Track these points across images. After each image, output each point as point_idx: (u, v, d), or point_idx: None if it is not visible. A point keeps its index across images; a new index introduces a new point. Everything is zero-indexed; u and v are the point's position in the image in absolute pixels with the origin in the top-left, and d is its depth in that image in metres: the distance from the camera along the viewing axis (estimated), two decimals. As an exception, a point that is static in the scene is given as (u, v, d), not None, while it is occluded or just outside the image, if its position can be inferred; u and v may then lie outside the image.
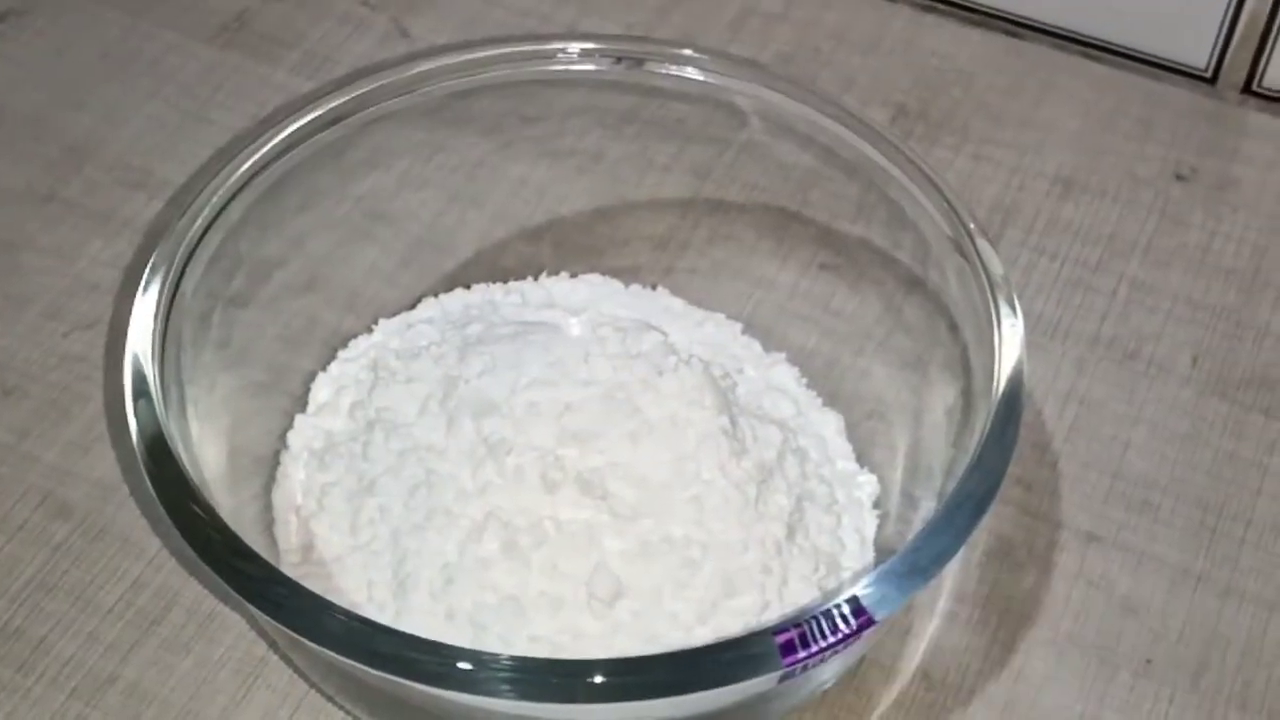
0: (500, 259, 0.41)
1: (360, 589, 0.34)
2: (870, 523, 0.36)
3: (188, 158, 0.45)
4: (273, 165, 0.36)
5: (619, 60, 0.39)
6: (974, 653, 0.36)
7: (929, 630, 0.36)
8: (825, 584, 0.34)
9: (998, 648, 0.36)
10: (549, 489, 0.33)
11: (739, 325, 0.40)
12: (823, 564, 0.34)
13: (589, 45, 0.38)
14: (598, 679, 0.28)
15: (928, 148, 0.46)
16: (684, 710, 0.30)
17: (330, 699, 0.35)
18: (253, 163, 0.36)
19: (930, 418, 0.36)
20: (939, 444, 0.35)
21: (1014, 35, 0.49)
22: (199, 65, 0.48)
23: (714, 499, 0.33)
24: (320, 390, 0.38)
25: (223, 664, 0.36)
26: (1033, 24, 0.49)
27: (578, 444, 0.34)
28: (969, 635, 0.36)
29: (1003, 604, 0.37)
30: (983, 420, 0.32)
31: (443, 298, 0.40)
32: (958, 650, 0.36)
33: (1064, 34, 0.49)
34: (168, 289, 0.33)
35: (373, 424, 0.36)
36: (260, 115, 0.46)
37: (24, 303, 0.42)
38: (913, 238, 0.36)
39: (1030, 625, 0.37)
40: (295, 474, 0.36)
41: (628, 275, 0.41)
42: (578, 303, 0.40)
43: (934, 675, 0.36)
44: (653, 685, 0.28)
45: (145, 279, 0.33)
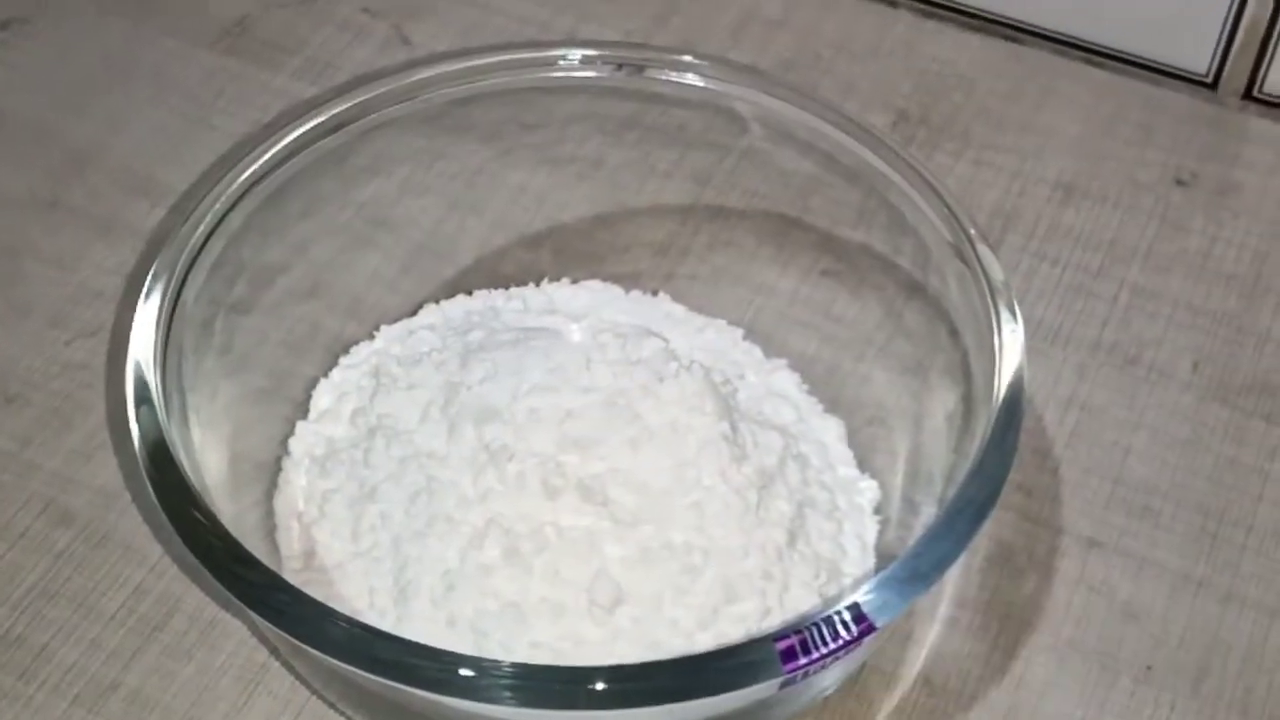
0: (501, 265, 0.41)
1: (362, 595, 0.34)
2: (871, 529, 0.36)
3: (190, 164, 0.45)
4: (274, 172, 0.36)
5: (619, 67, 0.39)
6: (975, 659, 0.36)
7: (930, 636, 0.36)
8: (826, 590, 0.34)
9: (999, 654, 0.36)
10: (550, 495, 0.33)
11: (740, 331, 0.40)
12: (824, 570, 0.34)
13: (589, 52, 0.38)
14: (599, 686, 0.28)
15: (928, 153, 0.46)
16: (685, 716, 0.30)
17: (332, 706, 0.35)
18: (254, 170, 0.36)
19: (931, 423, 0.36)
20: (940, 450, 0.35)
21: (1014, 41, 0.49)
22: (201, 71, 0.48)
23: (715, 505, 0.34)
24: (322, 397, 0.38)
25: (224, 671, 0.36)
26: (1033, 29, 0.49)
27: (579, 450, 0.34)
28: (970, 641, 0.36)
29: (1004, 610, 0.37)
30: (983, 426, 0.32)
31: (444, 304, 0.40)
32: (959, 656, 0.36)
33: (1064, 39, 0.49)
34: (170, 296, 0.33)
35: (374, 430, 0.36)
36: (262, 121, 0.46)
37: (26, 310, 0.42)
38: (913, 243, 0.36)
39: (1031, 631, 0.37)
40: (297, 480, 0.36)
41: (628, 281, 0.41)
42: (578, 309, 0.40)
43: (935, 681, 0.36)
44: (654, 692, 0.28)
45: (147, 286, 0.33)
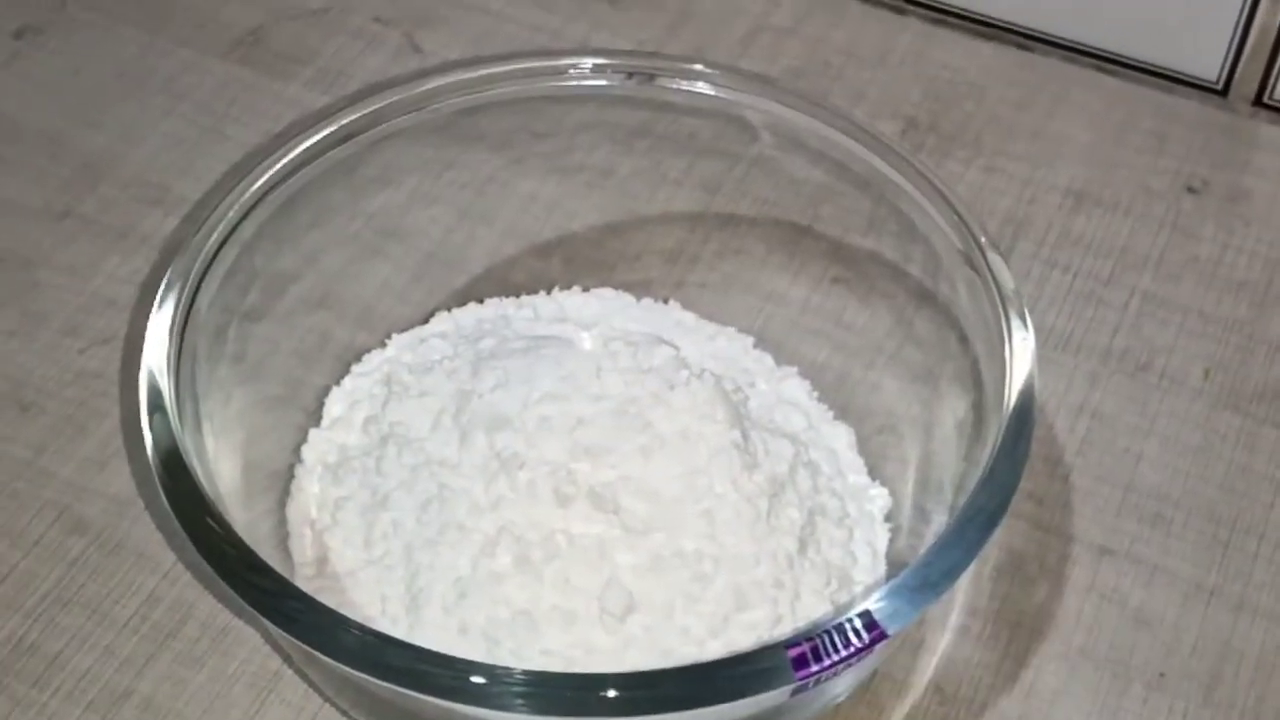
0: (511, 274, 0.41)
1: (374, 603, 0.34)
2: (882, 536, 0.36)
3: (203, 173, 0.45)
4: (286, 182, 0.36)
5: (630, 75, 0.39)
6: (986, 667, 0.36)
7: (941, 644, 0.36)
8: (837, 598, 0.34)
9: (1010, 662, 0.36)
10: (561, 503, 0.33)
11: (750, 339, 0.40)
12: (834, 578, 0.34)
13: (600, 61, 0.39)
14: (610, 693, 0.28)
15: (939, 161, 0.46)
16: (696, 724, 0.30)
17: (344, 713, 0.35)
18: (266, 179, 0.36)
19: (941, 431, 0.36)
20: (950, 458, 0.35)
21: (1025, 48, 0.49)
22: (214, 81, 0.48)
23: (726, 513, 0.34)
24: (334, 405, 0.38)
25: (237, 678, 0.36)
26: (1044, 37, 0.49)
27: (590, 458, 0.34)
28: (981, 649, 0.36)
29: (1015, 618, 0.37)
30: (994, 434, 0.32)
31: (455, 312, 0.41)
32: (970, 664, 0.36)
33: (1075, 47, 0.49)
34: (183, 304, 0.34)
35: (386, 438, 0.36)
36: (274, 130, 0.46)
37: (41, 319, 0.42)
38: (924, 251, 0.36)
39: (1042, 639, 0.36)
40: (309, 488, 0.37)
41: (639, 289, 0.41)
42: (589, 317, 0.40)
43: (946, 689, 0.36)
44: (665, 699, 0.28)
45: (161, 294, 0.34)
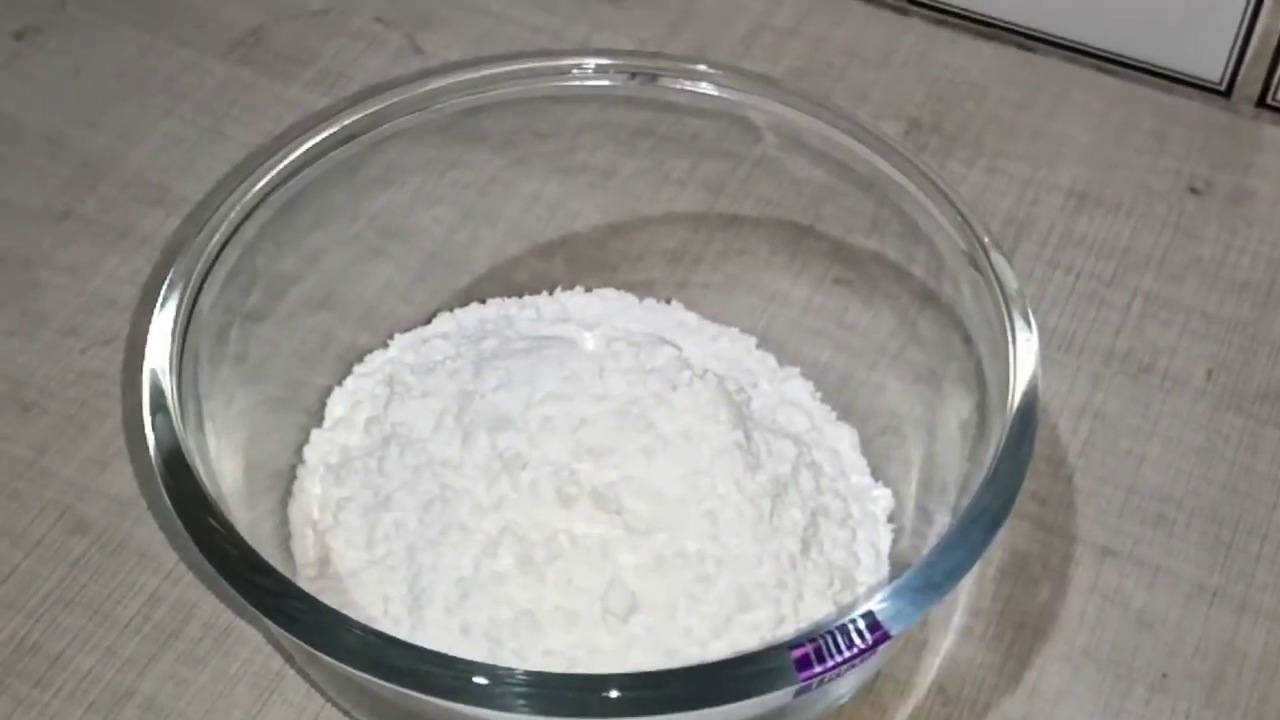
0: (514, 274, 0.41)
1: (376, 603, 0.34)
2: (885, 537, 0.36)
3: (204, 174, 0.45)
4: (288, 182, 0.36)
5: (632, 76, 0.39)
6: (989, 668, 0.36)
7: (944, 645, 0.36)
8: (840, 599, 0.34)
9: (1013, 662, 0.36)
10: (564, 503, 0.33)
11: (753, 340, 0.40)
12: (837, 579, 0.34)
13: (602, 61, 0.39)
14: (613, 694, 0.28)
15: (941, 161, 0.46)
16: (699, 725, 0.30)
17: (346, 713, 0.35)
18: (269, 179, 0.36)
19: (945, 432, 0.36)
20: (953, 458, 0.35)
21: (1027, 49, 0.49)
22: (214, 82, 0.48)
23: (728, 513, 0.34)
24: (336, 405, 0.38)
25: (239, 678, 0.36)
26: (1045, 37, 0.49)
27: (592, 459, 0.34)
28: (984, 650, 0.36)
29: (1018, 618, 0.37)
30: (997, 435, 0.32)
31: (458, 313, 0.40)
32: (973, 665, 0.36)
33: (1077, 47, 0.49)
34: (185, 304, 0.34)
35: (388, 439, 0.36)
36: (275, 131, 0.46)
37: (42, 319, 0.42)
38: (927, 252, 0.36)
39: (1045, 640, 0.36)
40: (311, 489, 0.37)
41: (642, 290, 0.41)
42: (592, 317, 0.40)
43: (949, 690, 0.36)
44: (668, 700, 0.28)
45: (163, 294, 0.33)
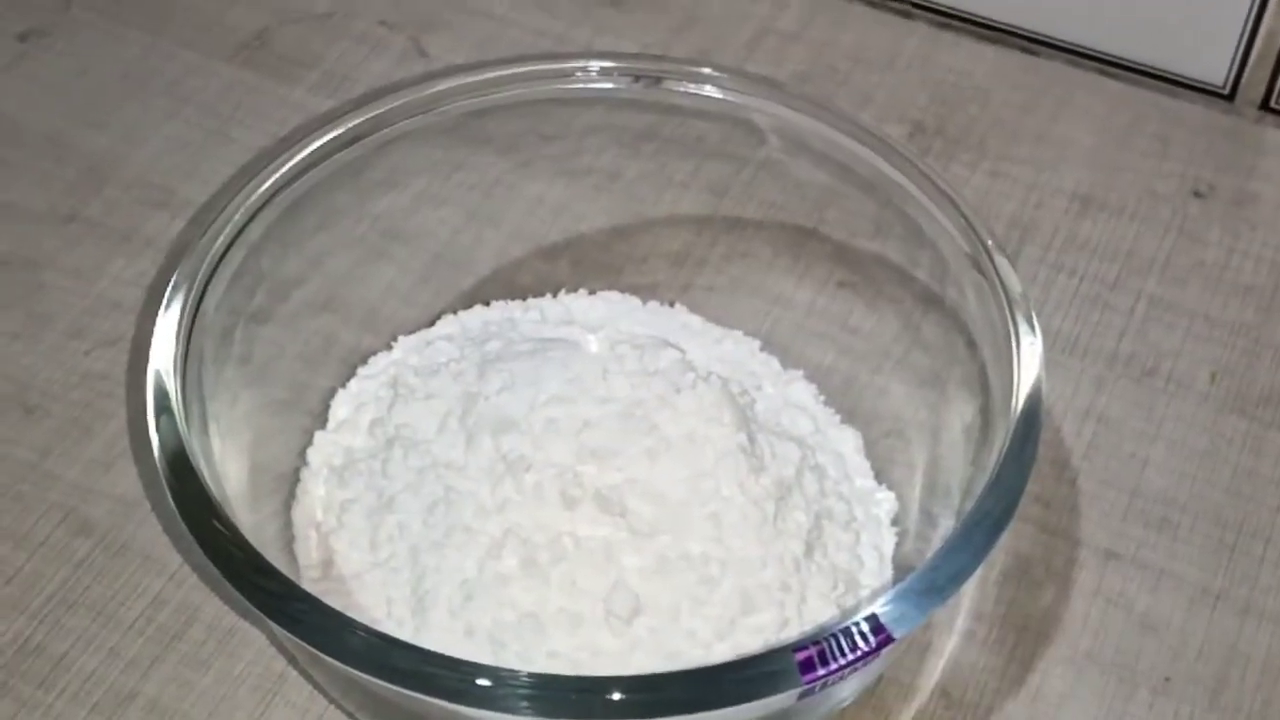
0: (518, 277, 0.41)
1: (379, 605, 0.34)
2: (889, 540, 0.36)
3: (208, 176, 0.45)
4: (293, 184, 0.36)
5: (637, 79, 0.39)
6: (992, 671, 0.36)
7: (948, 648, 0.36)
8: (844, 601, 0.34)
9: (1016, 666, 0.36)
10: (568, 506, 0.33)
11: (757, 342, 0.40)
12: (841, 581, 0.34)
13: (607, 64, 0.39)
14: (616, 696, 0.28)
15: (945, 164, 0.46)
16: (703, 728, 0.30)
17: (350, 715, 0.35)
18: (273, 181, 0.36)
19: (948, 435, 0.36)
20: (957, 462, 0.35)
21: (1030, 52, 0.49)
22: (219, 84, 0.48)
23: (732, 516, 0.34)
24: (340, 407, 0.38)
25: (242, 680, 0.36)
26: (1049, 40, 0.49)
27: (596, 461, 0.34)
28: (987, 653, 0.36)
29: (1021, 622, 0.37)
30: (1001, 438, 0.32)
31: (462, 315, 0.41)
32: (976, 668, 0.36)
33: (1080, 50, 0.49)
34: (190, 306, 0.34)
35: (392, 441, 0.36)
36: (280, 134, 0.46)
37: (46, 321, 0.42)
38: (930, 255, 0.36)
39: (1049, 643, 0.36)
40: (315, 490, 0.37)
41: (645, 292, 0.41)
42: (596, 320, 0.40)
43: (953, 693, 0.36)
44: (671, 702, 0.28)
45: (167, 296, 0.34)
